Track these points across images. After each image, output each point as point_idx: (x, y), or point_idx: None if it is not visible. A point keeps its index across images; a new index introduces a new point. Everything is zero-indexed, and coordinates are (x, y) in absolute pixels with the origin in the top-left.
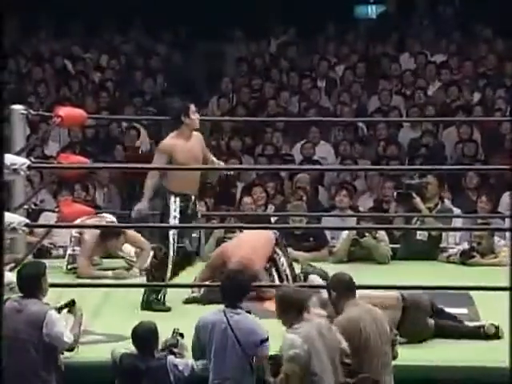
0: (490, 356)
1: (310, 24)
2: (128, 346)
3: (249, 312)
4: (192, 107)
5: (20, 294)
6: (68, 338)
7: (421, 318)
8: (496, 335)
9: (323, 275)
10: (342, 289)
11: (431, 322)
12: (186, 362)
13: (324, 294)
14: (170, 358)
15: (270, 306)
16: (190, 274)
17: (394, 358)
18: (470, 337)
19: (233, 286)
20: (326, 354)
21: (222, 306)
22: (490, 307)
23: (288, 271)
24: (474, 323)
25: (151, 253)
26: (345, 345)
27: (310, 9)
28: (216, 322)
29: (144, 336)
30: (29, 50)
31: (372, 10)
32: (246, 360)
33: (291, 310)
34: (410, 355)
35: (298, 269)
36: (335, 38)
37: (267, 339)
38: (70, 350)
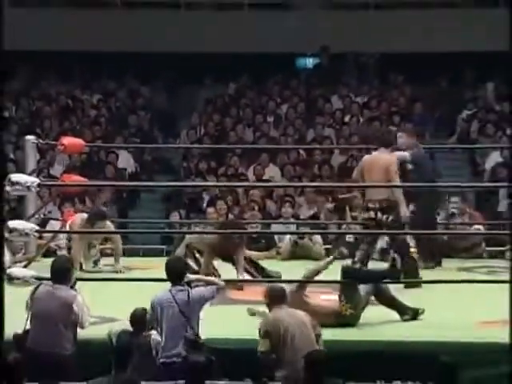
0: (411, 332)
1: (260, 72)
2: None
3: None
4: None
5: (50, 282)
6: (89, 315)
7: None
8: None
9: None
10: (274, 297)
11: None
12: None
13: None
14: (154, 336)
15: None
16: None
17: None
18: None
19: (174, 269)
20: None
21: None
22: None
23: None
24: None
25: None
26: None
27: (260, 60)
28: (164, 299)
29: (139, 319)
30: (38, 92)
31: (309, 62)
32: (190, 329)
33: None
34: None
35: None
36: (281, 83)
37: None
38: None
